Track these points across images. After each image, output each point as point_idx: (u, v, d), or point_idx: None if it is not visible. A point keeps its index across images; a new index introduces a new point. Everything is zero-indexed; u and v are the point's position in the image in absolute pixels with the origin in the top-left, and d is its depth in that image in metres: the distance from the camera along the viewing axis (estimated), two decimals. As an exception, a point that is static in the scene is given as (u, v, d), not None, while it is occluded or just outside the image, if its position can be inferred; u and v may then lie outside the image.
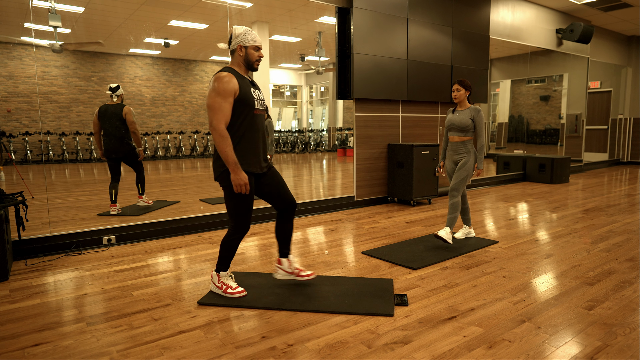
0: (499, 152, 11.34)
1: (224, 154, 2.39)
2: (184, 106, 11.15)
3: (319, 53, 10.39)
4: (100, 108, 4.92)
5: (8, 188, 6.53)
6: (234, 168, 2.41)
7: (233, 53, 2.57)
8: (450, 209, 3.74)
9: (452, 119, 3.84)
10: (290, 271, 2.84)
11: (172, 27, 8.79)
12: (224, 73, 2.44)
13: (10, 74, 9.32)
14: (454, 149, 3.86)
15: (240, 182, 2.43)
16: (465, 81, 3.76)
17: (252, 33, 2.54)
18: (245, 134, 2.51)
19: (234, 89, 2.42)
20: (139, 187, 5.19)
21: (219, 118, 2.38)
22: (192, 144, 11.20)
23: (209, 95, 2.42)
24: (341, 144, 14.47)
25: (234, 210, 2.57)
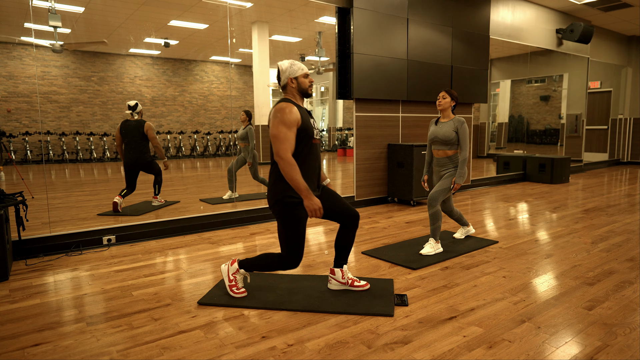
0: (499, 152, 11.34)
1: (294, 182, 2.39)
2: (184, 106, 11.15)
3: (319, 53, 10.38)
4: (122, 123, 5.15)
5: (8, 188, 6.53)
6: (307, 194, 2.40)
7: (285, 87, 2.60)
8: (431, 220, 3.55)
9: (435, 131, 3.62)
10: (344, 282, 2.79)
11: (172, 27, 8.79)
12: (286, 104, 2.46)
13: (10, 74, 9.31)
14: (440, 164, 3.65)
15: (314, 206, 2.41)
16: (452, 91, 3.60)
17: (297, 63, 2.58)
18: (304, 162, 2.52)
19: (297, 119, 2.44)
20: (155, 188, 5.39)
21: (285, 147, 2.39)
22: (192, 144, 11.20)
23: (274, 125, 2.42)
24: (341, 144, 14.47)
25: (287, 241, 2.55)
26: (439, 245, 3.61)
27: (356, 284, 2.79)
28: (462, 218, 3.96)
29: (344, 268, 2.79)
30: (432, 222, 3.55)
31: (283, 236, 2.55)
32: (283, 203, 2.48)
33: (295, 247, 2.54)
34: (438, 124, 3.67)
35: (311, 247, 3.87)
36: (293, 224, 2.50)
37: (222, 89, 12.01)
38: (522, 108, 11.59)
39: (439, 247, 3.61)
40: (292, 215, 2.48)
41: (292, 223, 2.50)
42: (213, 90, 11.85)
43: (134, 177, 5.18)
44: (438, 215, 3.53)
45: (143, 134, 5.12)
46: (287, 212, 2.48)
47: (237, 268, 2.70)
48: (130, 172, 5.16)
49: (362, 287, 2.80)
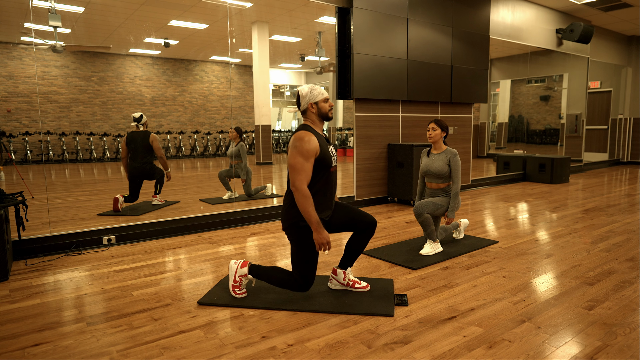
0: (499, 152, 11.34)
1: (307, 214, 2.40)
2: (184, 106, 11.15)
3: (319, 53, 10.39)
4: (127, 135, 5.27)
5: (8, 188, 6.53)
6: (317, 227, 2.41)
7: (305, 112, 2.60)
8: (423, 227, 3.53)
9: (428, 165, 3.59)
10: (344, 283, 2.80)
11: (172, 27, 8.79)
12: (304, 132, 2.47)
13: (10, 74, 9.31)
14: (435, 195, 3.62)
15: (323, 240, 2.43)
16: (442, 121, 3.55)
17: (317, 88, 2.59)
18: (320, 189, 2.54)
19: (316, 150, 2.45)
20: (157, 187, 5.46)
21: (301, 179, 2.41)
22: (192, 144, 11.20)
23: (292, 155, 2.43)
24: (341, 144, 14.47)
25: (299, 264, 2.57)
26: (438, 245, 3.60)
27: (357, 286, 2.80)
28: (448, 230, 3.84)
29: (347, 270, 2.80)
30: (425, 229, 3.54)
31: (296, 258, 2.58)
32: (297, 227, 2.51)
33: (308, 270, 2.56)
34: (430, 155, 3.63)
35: (311, 247, 3.87)
36: (307, 247, 2.52)
37: (222, 89, 12.02)
38: (522, 108, 11.59)
39: (438, 246, 3.59)
40: (306, 240, 2.51)
41: (306, 247, 2.52)
42: (213, 90, 11.85)
43: (138, 187, 5.28)
44: (428, 221, 3.49)
45: (148, 145, 5.24)
46: (301, 235, 2.52)
47: (246, 273, 2.69)
48: (135, 183, 5.26)
49: (363, 288, 2.80)
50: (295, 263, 2.59)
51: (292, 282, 2.60)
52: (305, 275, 2.57)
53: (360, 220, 2.69)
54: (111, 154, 9.70)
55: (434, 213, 3.53)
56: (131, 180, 5.26)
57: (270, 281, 2.66)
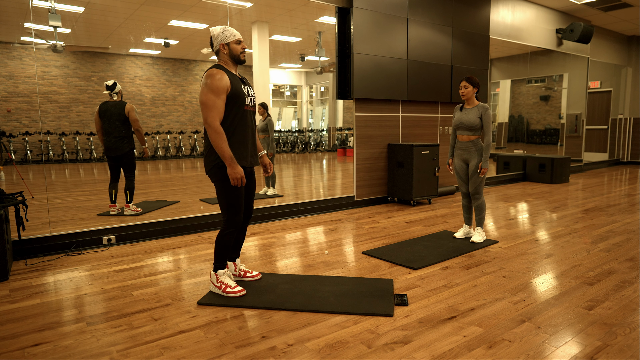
0: (499, 152, 11.34)
1: (220, 149, 2.43)
2: (184, 106, 11.15)
3: (319, 53, 10.38)
4: (100, 106, 4.79)
5: (8, 188, 6.53)
6: (231, 162, 2.45)
7: (218, 53, 2.62)
8: (477, 211, 3.85)
9: (461, 117, 3.79)
10: (236, 274, 2.92)
11: (172, 27, 8.79)
12: (215, 70, 2.48)
13: (10, 74, 9.31)
14: (464, 147, 3.83)
15: (237, 175, 2.47)
16: (473, 78, 3.74)
17: (229, 29, 2.59)
18: (236, 129, 2.55)
19: (226, 86, 2.47)
20: (127, 195, 4.92)
21: (213, 115, 2.43)
22: (192, 144, 11.20)
23: (202, 92, 2.45)
24: (341, 144, 14.47)
25: (226, 204, 2.60)
26: (484, 234, 3.90)
27: (248, 275, 2.92)
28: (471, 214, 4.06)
29: (237, 261, 2.90)
30: (478, 213, 3.82)
31: (222, 198, 2.60)
32: (219, 167, 2.54)
33: (235, 206, 2.60)
34: (463, 110, 3.83)
35: (311, 247, 3.87)
36: (230, 185, 2.55)
37: (222, 89, 11.99)
38: (522, 108, 11.59)
39: (484, 235, 3.90)
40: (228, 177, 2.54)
41: (229, 184, 2.55)
42: (213, 90, 11.82)
43: (116, 168, 4.90)
44: (483, 205, 3.81)
45: (124, 117, 4.74)
46: (223, 174, 2.54)
47: (215, 274, 2.72)
48: (112, 159, 4.84)
49: (254, 277, 2.91)
50: (222, 203, 2.61)
51: (226, 226, 2.62)
52: (233, 211, 2.60)
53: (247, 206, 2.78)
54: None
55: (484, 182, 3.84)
56: (108, 158, 4.82)
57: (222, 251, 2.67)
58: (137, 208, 5.03)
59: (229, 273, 2.78)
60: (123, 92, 5.08)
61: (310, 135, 15.26)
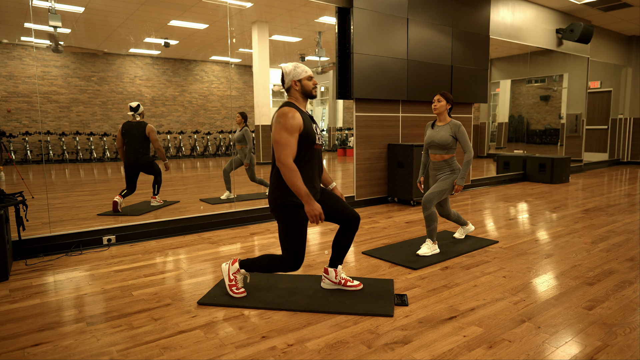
0: (499, 152, 11.34)
1: (295, 187, 2.38)
2: (184, 106, 11.15)
3: (319, 53, 10.38)
4: (123, 125, 5.15)
5: (8, 188, 6.53)
6: (307, 199, 2.39)
7: (289, 90, 2.60)
8: (427, 222, 3.53)
9: (432, 135, 3.58)
10: (336, 281, 2.80)
11: (172, 27, 8.79)
12: (289, 109, 2.46)
13: (10, 74, 9.32)
14: (437, 167, 3.62)
15: (315, 212, 2.40)
16: (447, 94, 3.58)
17: (300, 66, 2.58)
18: (305, 166, 2.53)
19: (300, 125, 2.44)
20: (155, 188, 5.39)
21: (287, 153, 2.39)
22: (192, 144, 11.20)
23: (276, 130, 2.43)
24: (341, 144, 14.47)
25: (287, 244, 2.55)
26: (435, 246, 3.59)
27: (349, 284, 2.80)
28: (460, 218, 3.94)
29: (338, 268, 2.80)
30: (428, 224, 3.54)
31: (284, 238, 2.56)
32: (284, 206, 2.49)
33: (297, 250, 2.55)
34: (435, 127, 3.64)
35: (311, 247, 3.87)
36: (294, 226, 2.51)
37: (222, 89, 12.02)
38: (522, 108, 11.59)
39: (435, 248, 3.59)
40: (294, 218, 2.49)
41: (294, 226, 2.51)
42: (213, 90, 11.85)
43: (134, 178, 5.21)
44: (433, 217, 3.51)
45: (144, 136, 5.14)
46: (288, 214, 2.49)
47: (237, 268, 2.70)
48: (131, 173, 5.18)
49: (355, 287, 2.80)
50: (284, 243, 2.57)
51: (282, 263, 2.58)
52: (295, 254, 2.55)
53: (344, 215, 2.68)
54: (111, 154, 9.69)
55: (442, 199, 3.59)
56: (127, 171, 5.19)
57: (261, 269, 2.64)
58: (161, 200, 5.53)
59: (247, 276, 2.76)
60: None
61: (310, 135, 15.23)
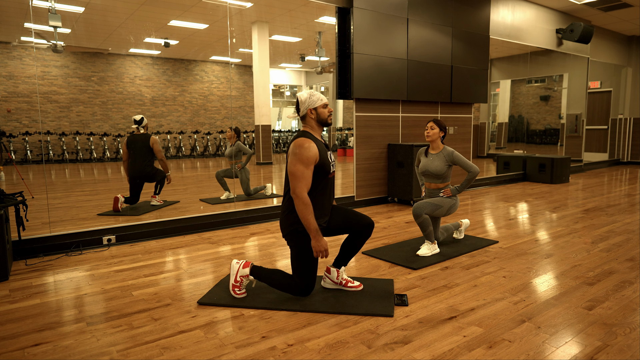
0: (499, 152, 11.34)
1: (306, 221, 2.41)
2: (184, 106, 11.15)
3: (319, 53, 10.39)
4: (128, 138, 5.26)
5: (8, 188, 6.53)
6: (315, 235, 2.43)
7: (304, 118, 2.61)
8: (421, 228, 3.48)
9: (427, 165, 3.56)
10: (337, 282, 2.80)
11: (172, 27, 8.79)
12: (304, 139, 2.47)
13: (10, 74, 9.32)
14: (434, 195, 3.60)
15: (321, 248, 2.44)
16: (440, 121, 3.54)
17: (316, 94, 2.60)
18: (319, 195, 2.55)
19: (315, 157, 2.46)
20: (157, 188, 5.45)
21: (302, 186, 2.42)
22: (192, 144, 11.20)
23: (291, 162, 2.44)
24: (341, 144, 14.47)
25: (299, 270, 2.58)
26: (435, 246, 3.58)
27: (350, 285, 2.80)
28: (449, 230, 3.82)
29: (341, 269, 2.80)
30: (423, 230, 3.51)
31: (296, 263, 2.59)
32: (297, 232, 2.53)
33: (308, 275, 2.58)
34: (428, 155, 3.60)
35: (311, 247, 3.87)
36: (307, 252, 2.54)
37: (222, 89, 12.02)
38: (522, 108, 11.59)
39: (435, 247, 3.58)
40: (306, 245, 2.52)
41: (306, 252, 2.54)
42: (213, 90, 11.85)
43: (139, 188, 5.29)
44: (426, 222, 3.45)
45: (149, 148, 5.25)
46: (300, 241, 2.53)
47: (247, 274, 2.69)
48: (136, 184, 5.27)
49: (356, 287, 2.80)
50: (295, 268, 2.60)
51: (293, 286, 2.61)
52: (306, 280, 2.59)
53: (358, 223, 2.68)
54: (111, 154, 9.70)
55: (433, 214, 3.52)
56: (132, 183, 5.27)
57: (271, 284, 2.66)
58: (161, 200, 5.55)
59: (252, 281, 2.77)
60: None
61: (310, 135, 15.22)
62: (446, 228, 3.82)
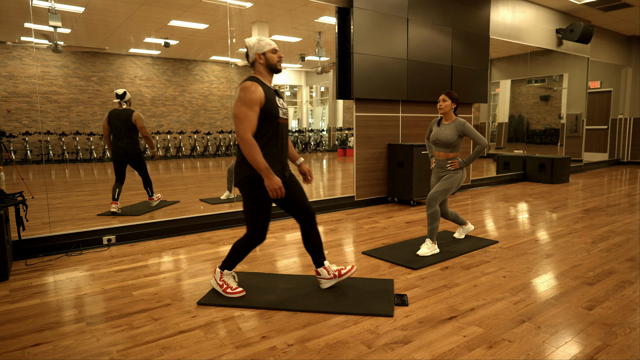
0: (499, 152, 11.34)
1: (254, 161, 2.41)
2: (184, 106, 11.15)
3: (319, 53, 10.38)
4: (110, 113, 4.95)
5: (8, 188, 6.53)
6: (267, 173, 2.42)
7: (254, 64, 2.60)
8: (429, 219, 3.54)
9: (437, 134, 3.62)
10: (331, 277, 2.79)
11: (172, 27, 8.79)
12: (250, 82, 2.46)
13: (10, 74, 9.31)
14: (441, 165, 3.66)
15: (275, 186, 2.43)
16: (452, 93, 3.61)
17: (264, 39, 2.58)
18: (269, 142, 2.53)
19: (260, 99, 2.44)
20: (148, 191, 5.28)
21: (245, 127, 2.41)
22: (192, 144, 11.20)
23: (235, 105, 2.43)
24: (341, 144, 14.47)
25: (252, 217, 2.57)
26: (435, 246, 3.59)
27: (343, 272, 2.82)
28: (458, 218, 3.96)
29: (326, 264, 2.80)
30: (430, 222, 3.55)
31: (249, 212, 2.57)
32: (249, 179, 2.51)
33: (261, 223, 2.57)
34: (440, 125, 3.68)
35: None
36: (259, 199, 2.53)
37: (222, 89, 12.02)
38: (522, 108, 11.59)
39: (435, 247, 3.59)
40: (258, 191, 2.52)
41: (258, 199, 2.53)
42: (213, 90, 11.85)
43: (122, 168, 5.04)
44: (436, 215, 3.53)
45: (132, 124, 4.92)
46: (253, 188, 2.52)
47: (220, 272, 2.71)
48: (119, 163, 5.01)
49: (350, 271, 2.82)
50: (248, 217, 2.58)
51: (248, 239, 2.60)
52: (259, 228, 2.58)
53: (300, 207, 2.68)
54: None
55: (446, 197, 3.65)
56: (115, 162, 5.00)
57: (236, 257, 2.65)
58: (159, 196, 5.44)
59: (234, 274, 2.77)
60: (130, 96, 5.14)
61: (310, 135, 15.27)
62: (457, 215, 3.94)
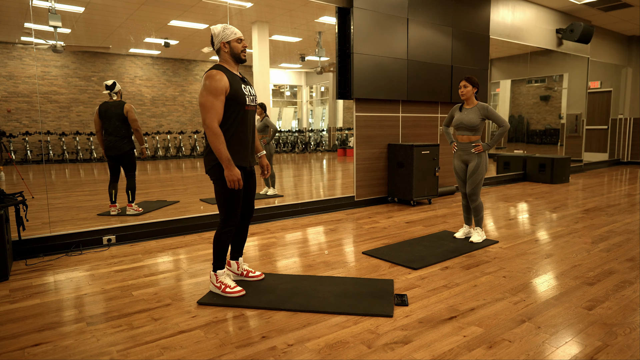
0: (499, 152, 11.34)
1: (217, 151, 2.45)
2: (184, 106, 11.15)
3: (319, 53, 10.38)
4: (100, 106, 4.80)
5: (8, 188, 6.53)
6: (228, 165, 2.46)
7: (219, 52, 2.62)
8: (475, 212, 3.86)
9: (461, 118, 3.78)
10: (238, 273, 2.92)
11: (172, 27, 8.79)
12: (215, 71, 2.48)
13: (10, 74, 9.31)
14: (464, 148, 3.83)
15: (234, 177, 2.49)
16: (472, 78, 3.75)
17: (230, 27, 2.59)
18: (237, 130, 2.56)
19: (225, 87, 2.47)
20: (129, 195, 4.97)
21: (211, 116, 2.43)
22: (192, 144, 11.20)
23: (201, 93, 2.46)
24: (341, 144, 14.47)
25: (224, 203, 2.61)
26: (484, 233, 3.92)
27: (251, 275, 2.92)
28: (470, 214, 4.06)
29: (239, 260, 2.90)
30: (476, 214, 3.85)
31: (221, 197, 2.61)
32: (219, 167, 2.54)
33: (232, 207, 2.62)
34: (463, 110, 3.82)
35: (311, 247, 3.87)
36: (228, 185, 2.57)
37: (222, 89, 11.98)
38: (522, 108, 11.59)
39: (484, 234, 3.92)
40: None
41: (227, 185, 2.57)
42: (213, 90, 11.81)
43: (117, 167, 4.93)
44: (480, 207, 3.82)
45: (123, 117, 4.76)
46: (222, 173, 2.54)
47: (214, 275, 2.73)
48: (112, 158, 4.86)
49: (257, 277, 2.92)
50: (220, 202, 2.62)
51: (222, 227, 2.64)
52: (231, 212, 2.62)
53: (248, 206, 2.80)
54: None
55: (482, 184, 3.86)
56: (108, 158, 4.84)
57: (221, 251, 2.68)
58: (139, 208, 5.05)
59: (229, 273, 2.79)
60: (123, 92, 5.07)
61: (310, 136, 15.26)
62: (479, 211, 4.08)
